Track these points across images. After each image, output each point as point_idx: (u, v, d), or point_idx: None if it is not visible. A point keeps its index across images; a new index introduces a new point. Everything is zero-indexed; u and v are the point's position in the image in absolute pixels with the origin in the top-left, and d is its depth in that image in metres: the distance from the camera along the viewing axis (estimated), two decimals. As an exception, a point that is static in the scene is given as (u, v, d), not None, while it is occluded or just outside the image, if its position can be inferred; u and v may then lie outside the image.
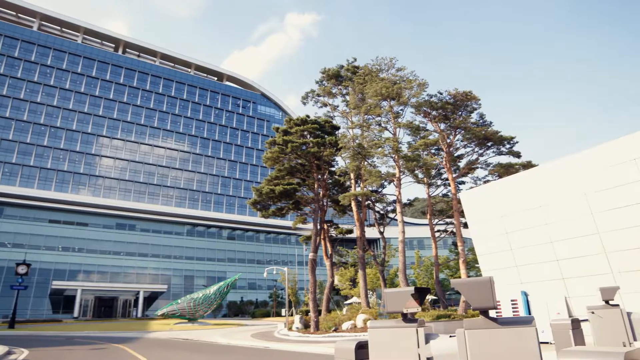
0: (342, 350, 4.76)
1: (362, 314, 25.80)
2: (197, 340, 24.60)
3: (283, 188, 30.26)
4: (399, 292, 4.39)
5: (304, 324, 28.86)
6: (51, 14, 77.95)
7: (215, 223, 79.89)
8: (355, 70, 34.17)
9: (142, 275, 69.58)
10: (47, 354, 17.64)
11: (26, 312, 56.96)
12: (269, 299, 74.19)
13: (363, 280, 31.06)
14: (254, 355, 16.94)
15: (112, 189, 73.86)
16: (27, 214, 65.28)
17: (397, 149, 27.56)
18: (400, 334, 4.26)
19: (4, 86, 69.22)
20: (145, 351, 17.85)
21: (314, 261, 29.69)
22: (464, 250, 28.59)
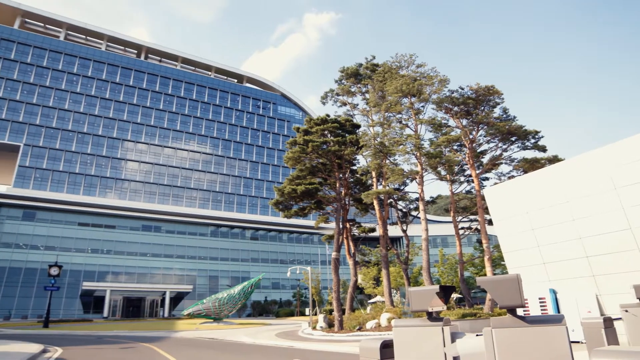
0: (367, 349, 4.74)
1: (386, 312, 25.65)
2: (223, 340, 24.91)
3: (305, 188, 30.30)
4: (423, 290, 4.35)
5: (327, 323, 28.88)
6: (77, 24, 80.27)
7: (239, 224, 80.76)
8: (375, 68, 33.95)
9: (168, 276, 70.93)
10: (79, 352, 18.16)
11: (59, 312, 58.80)
12: (292, 298, 74.55)
13: (386, 279, 30.85)
14: (279, 354, 17.04)
15: (137, 191, 75.58)
16: (57, 217, 67.45)
17: (419, 146, 27.27)
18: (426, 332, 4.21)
19: (34, 95, 71.72)
20: (173, 350, 18.18)
21: (337, 260, 29.66)
22: (489, 247, 28.08)
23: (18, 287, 60.48)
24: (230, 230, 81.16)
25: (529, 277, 15.79)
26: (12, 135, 68.18)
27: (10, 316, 56.71)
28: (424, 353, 4.24)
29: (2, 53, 71.48)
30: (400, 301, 34.25)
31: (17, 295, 59.80)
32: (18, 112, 69.70)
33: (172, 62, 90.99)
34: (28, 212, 66.08)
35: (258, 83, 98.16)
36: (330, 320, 29.15)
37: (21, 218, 65.46)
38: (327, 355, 16.16)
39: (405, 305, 28.66)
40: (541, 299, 15.20)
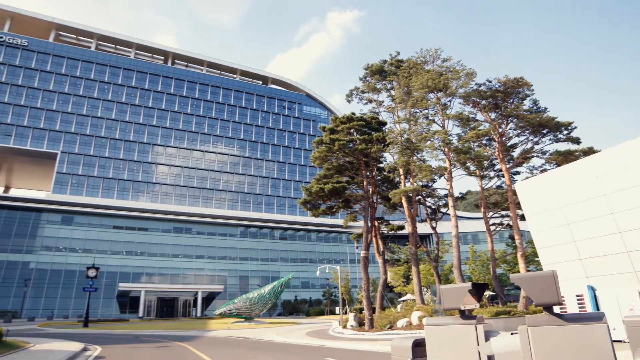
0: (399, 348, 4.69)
1: (416, 311, 25.39)
2: (254, 339, 25.20)
3: (332, 186, 30.31)
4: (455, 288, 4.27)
5: (358, 321, 28.81)
6: (106, 34, 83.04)
7: (267, 224, 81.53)
8: (399, 64, 33.61)
9: (200, 277, 72.32)
10: (117, 351, 18.75)
11: (97, 312, 60.89)
12: (322, 297, 74.69)
13: (416, 277, 30.50)
14: (310, 353, 17.10)
15: (168, 194, 77.44)
16: (93, 221, 69.87)
17: (446, 142, 26.82)
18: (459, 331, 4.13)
19: (69, 104, 74.61)
20: (206, 349, 18.53)
21: (366, 259, 29.54)
22: (522, 243, 27.34)
23: (59, 289, 63.02)
24: (260, 230, 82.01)
25: (565, 273, 15.29)
26: (50, 144, 71.16)
27: (53, 316, 59.13)
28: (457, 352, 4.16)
29: (39, 65, 74.69)
30: (431, 299, 33.81)
31: (58, 296, 62.33)
32: (55, 121, 72.65)
33: (198, 66, 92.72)
34: (66, 217, 68.77)
35: (283, 84, 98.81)
36: (361, 319, 29.08)
37: (60, 222, 68.18)
38: (358, 354, 16.12)
39: (436, 303, 28.29)
40: (579, 296, 14.69)
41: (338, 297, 49.81)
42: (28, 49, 74.93)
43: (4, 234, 63.64)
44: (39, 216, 67.42)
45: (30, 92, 72.78)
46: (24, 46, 74.65)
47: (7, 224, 64.81)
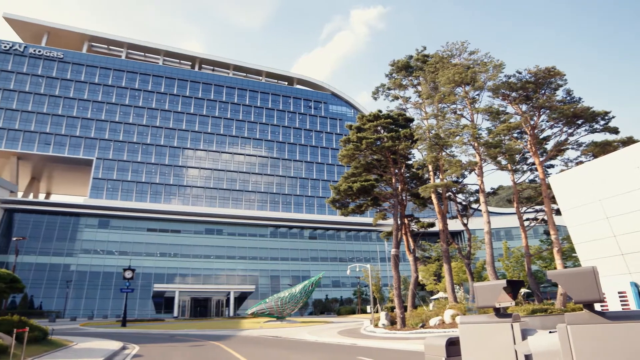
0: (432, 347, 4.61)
1: (449, 309, 24.99)
2: (286, 338, 25.38)
3: (360, 185, 30.20)
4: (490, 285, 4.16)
5: (390, 320, 28.61)
6: (136, 42, 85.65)
7: (297, 224, 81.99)
8: (426, 59, 33.12)
9: (232, 277, 73.47)
10: (154, 349, 19.27)
11: (134, 312, 62.78)
12: (353, 296, 74.55)
13: (448, 275, 30.01)
14: (342, 351, 17.09)
15: (199, 197, 79.07)
16: (128, 224, 72.15)
17: (476, 136, 26.25)
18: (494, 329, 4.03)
19: (102, 112, 77.34)
20: (239, 348, 18.80)
21: (396, 257, 29.29)
22: (558, 239, 26.48)
23: (98, 290, 65.37)
24: (289, 230, 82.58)
25: (606, 269, 14.71)
26: (86, 150, 73.96)
27: (93, 316, 61.43)
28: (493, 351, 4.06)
29: (73, 76, 77.76)
30: (464, 297, 33.20)
31: (97, 297, 64.66)
32: (90, 128, 75.47)
33: (224, 70, 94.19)
34: (103, 221, 71.29)
35: (308, 84, 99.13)
36: (392, 317, 28.86)
37: (97, 226, 70.74)
38: (391, 353, 15.99)
39: (469, 301, 27.77)
40: (621, 294, 14.10)
41: (369, 296, 49.63)
42: (63, 60, 78.11)
43: (46, 238, 66.57)
44: (78, 220, 70.14)
45: (66, 102, 75.86)
46: (60, 58, 77.85)
47: (48, 228, 67.74)
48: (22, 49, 76.42)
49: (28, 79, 75.05)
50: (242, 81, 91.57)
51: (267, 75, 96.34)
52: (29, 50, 76.67)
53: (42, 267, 64.27)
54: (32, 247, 64.21)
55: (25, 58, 76.12)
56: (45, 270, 64.22)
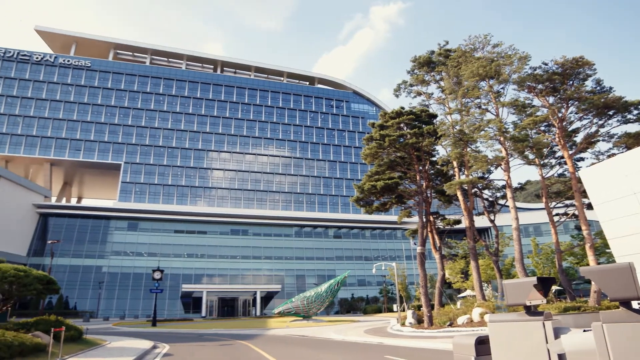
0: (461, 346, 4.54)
1: (477, 307, 24.55)
2: (313, 337, 25.46)
3: (384, 183, 30.00)
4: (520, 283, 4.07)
5: (416, 319, 28.33)
6: (159, 48, 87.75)
7: (321, 223, 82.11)
8: (448, 53, 32.62)
9: (258, 277, 74.19)
10: (184, 348, 19.64)
11: (164, 312, 64.13)
12: (379, 294, 74.16)
13: (476, 272, 29.49)
14: (369, 350, 17.03)
15: (224, 198, 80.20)
16: (156, 226, 73.80)
17: (502, 130, 25.70)
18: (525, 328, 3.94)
19: (129, 117, 79.39)
20: (267, 347, 18.96)
21: (422, 255, 28.99)
22: (590, 234, 25.67)
23: (129, 290, 67.08)
24: (314, 229, 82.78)
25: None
26: (114, 155, 76.14)
27: (125, 316, 63.10)
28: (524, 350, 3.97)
29: (101, 83, 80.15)
30: (492, 295, 32.59)
31: (128, 297, 66.37)
32: (117, 134, 77.64)
33: (245, 72, 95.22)
34: (132, 223, 73.16)
35: (329, 83, 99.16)
36: (419, 316, 28.57)
37: (127, 228, 72.63)
38: (419, 352, 15.84)
39: (498, 299, 27.25)
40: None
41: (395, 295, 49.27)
42: (91, 69, 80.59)
43: (79, 241, 68.77)
44: (108, 223, 72.18)
45: (95, 108, 78.22)
46: (88, 67, 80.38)
47: (81, 231, 69.95)
48: (53, 59, 79.20)
49: (58, 88, 77.74)
50: (263, 82, 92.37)
51: (288, 76, 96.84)
52: (59, 60, 79.39)
53: (75, 269, 66.41)
54: (66, 250, 66.44)
55: (56, 68, 78.87)
56: (78, 271, 66.33)
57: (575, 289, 49.29)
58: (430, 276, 51.21)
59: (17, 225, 63.64)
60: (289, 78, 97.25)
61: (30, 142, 73.21)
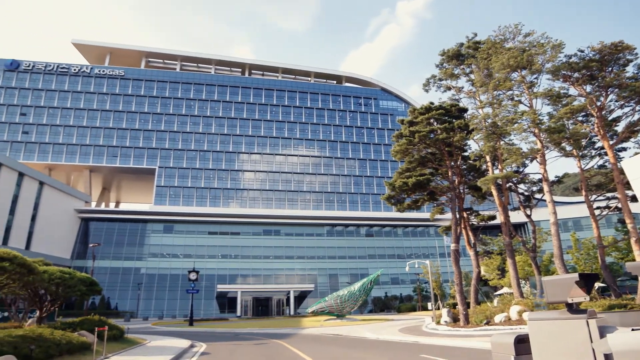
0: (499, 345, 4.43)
1: (515, 305, 23.88)
2: (347, 336, 25.43)
3: (416, 180, 29.60)
4: (560, 279, 3.92)
5: (452, 317, 27.84)
6: (189, 54, 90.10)
7: (353, 221, 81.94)
8: (477, 46, 31.84)
9: (291, 276, 74.74)
10: (221, 347, 20.02)
11: (200, 312, 65.56)
12: (413, 293, 73.29)
13: (513, 269, 28.66)
14: (404, 349, 16.86)
15: (255, 199, 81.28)
16: (191, 228, 75.62)
17: (537, 122, 24.85)
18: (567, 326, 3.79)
19: (161, 122, 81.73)
20: (301, 346, 19.07)
21: (456, 252, 28.45)
22: (636, 227, 24.46)
23: (166, 291, 68.99)
24: (345, 228, 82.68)
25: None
26: (149, 160, 78.59)
27: (163, 315, 64.93)
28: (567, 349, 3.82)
29: (134, 91, 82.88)
30: (531, 292, 31.64)
31: (166, 298, 68.26)
32: (151, 140, 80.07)
33: (273, 74, 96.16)
34: (167, 226, 75.26)
35: (357, 81, 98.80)
36: (455, 314, 28.05)
37: (162, 231, 74.76)
38: (455, 351, 15.56)
39: (537, 297, 26.42)
40: None
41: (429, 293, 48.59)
42: (124, 77, 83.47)
43: (118, 244, 71.35)
44: (145, 226, 74.50)
45: (129, 115, 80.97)
46: (121, 76, 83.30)
47: (119, 234, 72.53)
48: (89, 70, 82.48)
49: (95, 98, 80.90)
50: (291, 83, 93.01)
51: (315, 76, 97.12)
52: (95, 71, 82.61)
53: (115, 271, 68.86)
54: (106, 253, 69.01)
55: (92, 78, 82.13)
56: (118, 273, 68.75)
57: (621, 286, 47.16)
58: (465, 273, 50.21)
59: (61, 230, 66.67)
60: (316, 78, 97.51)
61: (71, 150, 76.47)
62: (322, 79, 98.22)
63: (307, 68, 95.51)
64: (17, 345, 11.96)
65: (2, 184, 55.37)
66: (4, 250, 13.35)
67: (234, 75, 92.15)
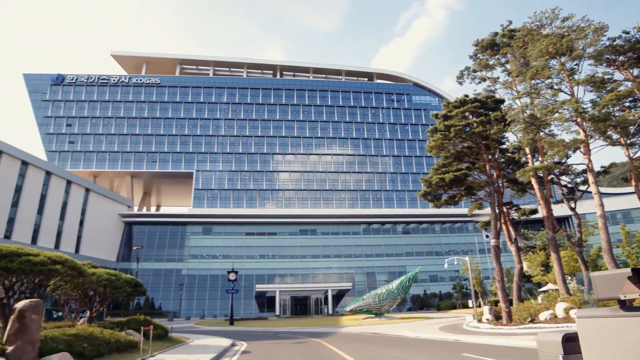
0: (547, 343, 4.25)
1: (562, 302, 22.96)
2: (386, 334, 25.23)
3: (452, 175, 28.99)
4: (611, 275, 3.72)
5: (494, 315, 27.09)
6: (221, 59, 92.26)
7: (389, 219, 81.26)
8: (512, 34, 30.79)
9: (328, 275, 74.92)
10: (261, 346, 20.32)
11: (239, 312, 66.81)
12: (452, 290, 71.86)
13: (558, 265, 27.57)
14: (445, 348, 16.55)
15: (291, 199, 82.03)
16: (229, 229, 77.21)
17: (579, 111, 23.78)
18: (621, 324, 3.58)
19: (197, 127, 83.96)
20: (341, 345, 19.07)
21: (497, 248, 27.65)
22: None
23: (207, 291, 70.76)
24: (382, 226, 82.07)
25: None
26: (186, 164, 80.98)
27: (204, 315, 66.63)
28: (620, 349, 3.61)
29: (170, 98, 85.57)
30: (578, 289, 30.30)
31: (207, 298, 70.01)
32: (187, 144, 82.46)
33: (304, 74, 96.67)
34: (206, 227, 77.19)
35: (388, 77, 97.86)
36: (497, 312, 27.29)
37: (201, 233, 76.75)
38: (498, 350, 15.13)
39: (584, 293, 25.28)
40: None
41: (469, 290, 47.48)
42: (160, 85, 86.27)
43: (160, 246, 73.83)
44: (185, 228, 76.70)
45: (166, 122, 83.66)
46: (158, 84, 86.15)
47: (161, 237, 75.01)
48: (127, 80, 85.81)
49: (134, 106, 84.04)
50: (322, 83, 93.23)
51: (346, 74, 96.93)
52: (133, 80, 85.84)
53: (158, 272, 71.24)
54: (149, 255, 71.50)
55: (130, 87, 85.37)
56: (161, 275, 71.10)
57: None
58: (506, 270, 48.74)
59: (106, 234, 69.69)
60: (348, 76, 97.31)
61: (113, 157, 79.78)
62: (353, 77, 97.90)
63: (338, 67, 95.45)
64: (71, 343, 12.59)
65: (53, 192, 58.44)
66: (57, 254, 14.09)
67: (265, 78, 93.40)
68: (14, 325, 10.09)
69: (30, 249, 13.57)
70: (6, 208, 51.11)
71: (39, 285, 14.30)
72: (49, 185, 57.79)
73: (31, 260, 12.59)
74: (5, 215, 51.05)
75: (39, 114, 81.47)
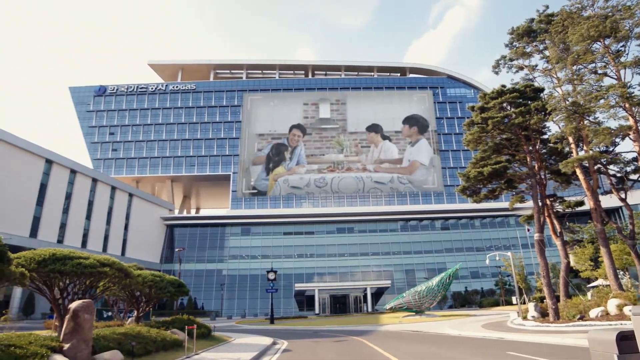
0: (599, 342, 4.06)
1: (614, 298, 21.82)
2: (428, 332, 24.87)
3: (491, 168, 28.15)
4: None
5: (540, 312, 26.14)
6: (253, 62, 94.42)
7: (427, 215, 79.92)
8: (550, 19, 29.51)
9: (367, 273, 74.60)
10: (301, 344, 20.48)
11: (279, 311, 67.60)
12: (495, 287, 69.85)
13: (608, 259, 26.21)
14: (489, 346, 16.13)
15: (327, 198, 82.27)
16: (266, 230, 78.36)
17: (627, 96, 22.52)
18: None
19: (232, 130, 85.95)
20: (382, 343, 18.95)
21: (541, 242, 26.65)
22: None
23: (247, 291, 72.07)
24: (420, 222, 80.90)
25: None
26: (223, 167, 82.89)
27: (245, 314, 67.88)
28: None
29: (205, 102, 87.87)
30: (632, 284, 28.80)
31: (247, 297, 71.30)
32: (224, 147, 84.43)
33: (336, 72, 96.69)
34: (244, 228, 78.64)
35: (421, 71, 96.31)
36: (543, 308, 26.31)
37: (240, 234, 78.24)
38: (546, 348, 14.60)
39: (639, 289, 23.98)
40: None
41: (513, 286, 46.04)
42: (196, 91, 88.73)
43: (200, 247, 75.93)
44: (224, 230, 78.45)
45: (203, 126, 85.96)
46: (193, 89, 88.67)
47: (201, 238, 77.09)
48: (164, 87, 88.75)
49: (171, 112, 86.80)
50: (354, 80, 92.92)
51: (378, 70, 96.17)
52: (169, 88, 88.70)
53: (200, 273, 73.24)
54: (191, 256, 73.63)
55: (167, 94, 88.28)
56: (202, 275, 73.06)
57: None
58: (552, 265, 46.98)
59: (150, 237, 72.32)
60: (379, 72, 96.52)
61: (154, 163, 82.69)
62: (386, 72, 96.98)
63: (370, 63, 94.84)
64: (121, 341, 13.17)
65: (99, 198, 61.24)
66: (105, 257, 14.83)
67: (297, 78, 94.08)
68: (69, 324, 10.65)
69: (80, 252, 14.34)
70: (58, 214, 54.06)
71: (89, 286, 15.06)
72: (95, 191, 60.59)
73: (82, 263, 13.34)
74: (58, 221, 54.00)
75: (84, 124, 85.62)
